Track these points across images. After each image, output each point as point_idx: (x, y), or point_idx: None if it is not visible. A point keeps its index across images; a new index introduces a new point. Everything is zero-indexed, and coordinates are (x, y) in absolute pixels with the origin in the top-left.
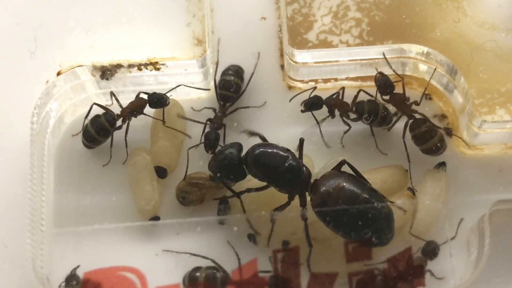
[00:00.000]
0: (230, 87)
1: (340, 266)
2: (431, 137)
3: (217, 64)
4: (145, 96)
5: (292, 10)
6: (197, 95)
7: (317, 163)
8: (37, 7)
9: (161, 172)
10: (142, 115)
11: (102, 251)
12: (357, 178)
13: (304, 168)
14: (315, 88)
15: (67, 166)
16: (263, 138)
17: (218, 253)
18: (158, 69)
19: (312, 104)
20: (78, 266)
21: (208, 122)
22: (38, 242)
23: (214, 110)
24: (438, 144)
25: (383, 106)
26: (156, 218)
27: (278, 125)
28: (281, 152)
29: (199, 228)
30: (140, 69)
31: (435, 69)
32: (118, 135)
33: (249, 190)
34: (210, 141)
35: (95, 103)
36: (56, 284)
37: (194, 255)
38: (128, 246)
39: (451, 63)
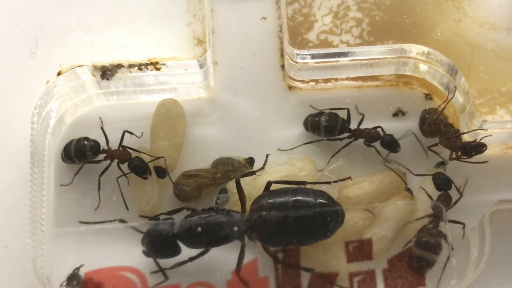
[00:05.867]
0: None
1: (341, 266)
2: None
3: None
4: (132, 154)
5: (293, 10)
6: (197, 95)
7: (318, 163)
8: (37, 7)
9: (160, 172)
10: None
11: (103, 251)
12: (277, 190)
13: (234, 215)
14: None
15: (67, 166)
16: (192, 209)
17: (218, 253)
18: (158, 69)
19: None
20: (81, 266)
21: None
22: (38, 242)
23: None
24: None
25: (342, 120)
26: (156, 218)
27: (278, 125)
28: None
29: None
30: (140, 69)
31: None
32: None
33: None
34: None
35: (126, 131)
36: (56, 284)
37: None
38: (128, 246)
39: (452, 63)
